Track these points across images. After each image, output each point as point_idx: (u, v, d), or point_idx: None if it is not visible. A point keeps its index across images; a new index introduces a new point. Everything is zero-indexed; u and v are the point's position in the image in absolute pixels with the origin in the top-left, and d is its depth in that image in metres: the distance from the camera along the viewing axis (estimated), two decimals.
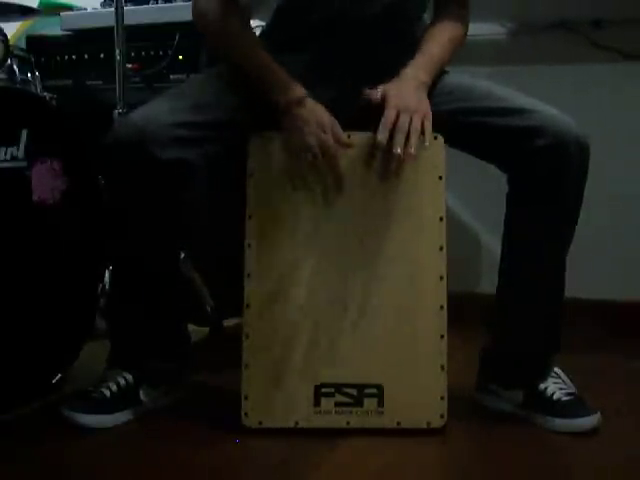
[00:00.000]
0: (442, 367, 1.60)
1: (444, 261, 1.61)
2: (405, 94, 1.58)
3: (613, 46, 2.39)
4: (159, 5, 2.30)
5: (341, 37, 1.65)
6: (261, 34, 1.76)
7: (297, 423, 1.60)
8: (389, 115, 1.56)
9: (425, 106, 1.59)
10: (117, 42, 2.10)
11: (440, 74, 1.68)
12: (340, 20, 1.63)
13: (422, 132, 1.57)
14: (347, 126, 1.59)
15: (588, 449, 1.55)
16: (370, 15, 1.63)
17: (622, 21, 2.36)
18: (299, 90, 1.58)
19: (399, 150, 1.54)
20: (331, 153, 1.55)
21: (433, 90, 1.65)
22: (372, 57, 1.67)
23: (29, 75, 2.18)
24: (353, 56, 1.66)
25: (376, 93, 1.59)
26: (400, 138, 1.55)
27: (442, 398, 1.60)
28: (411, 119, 1.55)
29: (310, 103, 1.57)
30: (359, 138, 1.61)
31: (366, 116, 1.60)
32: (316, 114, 1.56)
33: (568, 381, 1.70)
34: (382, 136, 1.55)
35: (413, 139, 1.55)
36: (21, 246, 1.71)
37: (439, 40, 1.67)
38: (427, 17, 1.74)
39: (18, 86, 2.07)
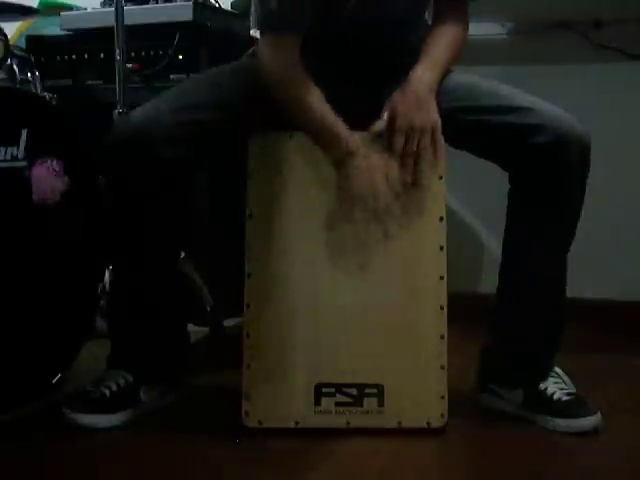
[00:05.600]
0: (442, 367, 1.60)
1: (444, 261, 1.62)
2: (411, 108, 1.57)
3: (613, 46, 2.39)
4: (159, 5, 2.29)
5: (351, 42, 1.65)
6: None
7: (297, 423, 1.60)
8: (397, 142, 1.57)
9: (433, 117, 1.58)
10: (117, 42, 2.10)
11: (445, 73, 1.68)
12: (350, 27, 1.63)
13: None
14: (360, 125, 1.60)
15: (588, 449, 1.55)
16: (377, 21, 1.64)
17: (622, 21, 2.36)
18: (352, 143, 1.58)
19: (409, 179, 1.57)
20: (381, 201, 1.57)
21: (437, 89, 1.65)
22: (380, 59, 1.67)
23: (29, 75, 2.18)
24: (363, 59, 1.66)
25: (382, 123, 1.59)
26: (410, 165, 1.57)
27: (442, 398, 1.60)
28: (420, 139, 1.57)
29: (361, 154, 1.58)
30: (361, 138, 1.60)
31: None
32: (369, 163, 1.58)
33: (568, 381, 1.70)
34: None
35: (423, 167, 1.57)
36: (21, 246, 1.71)
37: (442, 42, 1.66)
38: (427, 16, 1.74)
39: (18, 86, 2.08)
